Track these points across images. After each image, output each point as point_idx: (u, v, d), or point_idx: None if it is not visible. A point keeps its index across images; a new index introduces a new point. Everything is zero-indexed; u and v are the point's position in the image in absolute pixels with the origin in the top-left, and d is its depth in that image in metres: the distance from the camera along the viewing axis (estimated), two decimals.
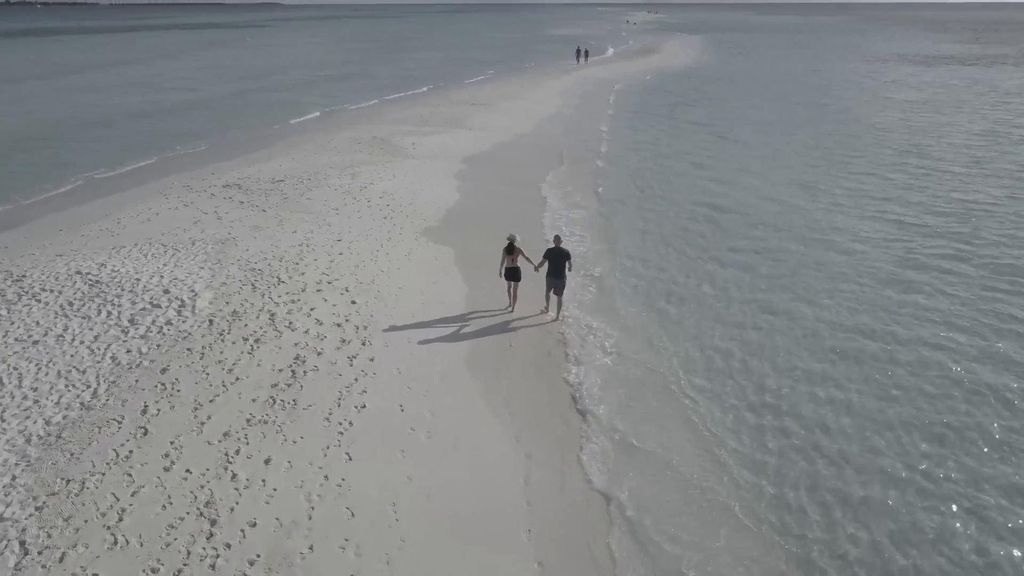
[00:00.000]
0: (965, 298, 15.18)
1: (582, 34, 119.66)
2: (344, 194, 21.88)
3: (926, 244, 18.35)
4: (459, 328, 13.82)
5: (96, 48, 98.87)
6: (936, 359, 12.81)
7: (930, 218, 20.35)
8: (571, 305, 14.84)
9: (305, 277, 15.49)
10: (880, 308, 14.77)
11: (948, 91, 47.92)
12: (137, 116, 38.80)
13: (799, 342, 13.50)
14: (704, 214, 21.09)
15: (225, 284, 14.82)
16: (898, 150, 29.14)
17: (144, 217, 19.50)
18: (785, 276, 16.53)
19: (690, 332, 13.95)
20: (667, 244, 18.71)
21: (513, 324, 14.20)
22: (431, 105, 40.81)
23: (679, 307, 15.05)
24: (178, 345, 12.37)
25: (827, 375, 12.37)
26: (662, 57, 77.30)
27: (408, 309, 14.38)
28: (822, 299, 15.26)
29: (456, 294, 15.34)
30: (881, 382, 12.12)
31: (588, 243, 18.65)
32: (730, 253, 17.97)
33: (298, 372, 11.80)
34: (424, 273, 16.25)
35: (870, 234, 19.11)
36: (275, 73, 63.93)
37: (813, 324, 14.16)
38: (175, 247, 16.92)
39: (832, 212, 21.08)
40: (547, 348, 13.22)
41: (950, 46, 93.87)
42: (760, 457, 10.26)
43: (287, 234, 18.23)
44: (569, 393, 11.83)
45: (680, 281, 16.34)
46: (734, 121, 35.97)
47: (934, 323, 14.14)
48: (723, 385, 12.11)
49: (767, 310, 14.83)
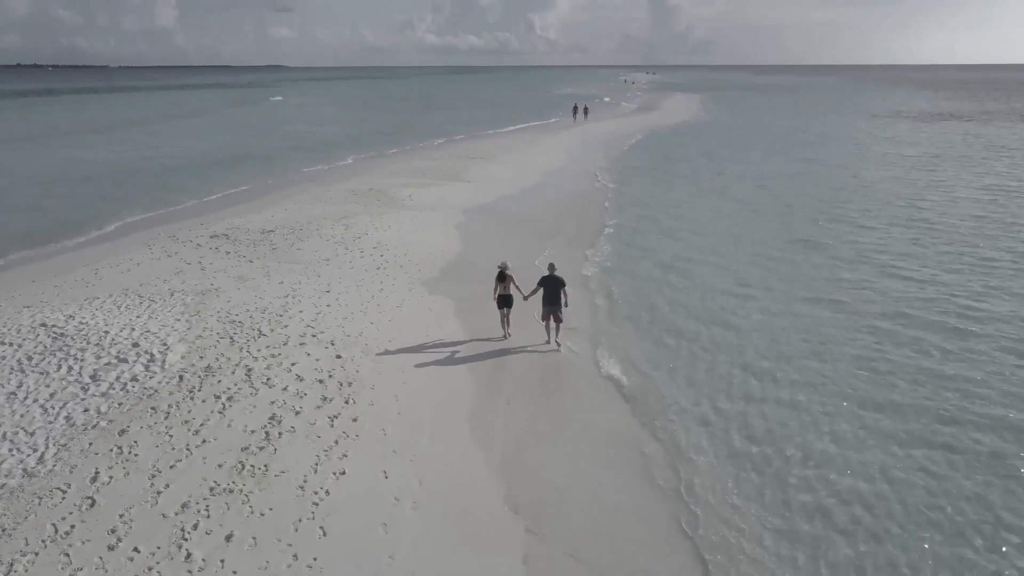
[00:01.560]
0: (975, 360, 13.93)
1: (581, 93, 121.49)
2: (336, 244, 21.03)
3: (932, 299, 17.25)
4: (453, 382, 12.73)
5: (101, 108, 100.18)
6: (944, 417, 11.67)
7: (938, 274, 19.04)
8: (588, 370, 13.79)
9: (288, 330, 14.47)
10: (886, 372, 13.56)
11: (948, 146, 47.72)
12: (131, 172, 38.33)
13: (793, 399, 12.37)
14: (703, 270, 19.93)
15: (201, 337, 13.78)
16: (899, 204, 28.23)
17: (124, 268, 18.58)
18: (782, 333, 15.45)
19: (693, 396, 12.84)
20: (664, 299, 17.56)
21: (511, 369, 13.18)
22: (430, 159, 40.49)
23: (677, 365, 13.97)
24: (142, 403, 11.25)
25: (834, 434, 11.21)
26: (661, 114, 77.90)
27: (397, 364, 13.31)
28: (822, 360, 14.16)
29: (450, 346, 14.30)
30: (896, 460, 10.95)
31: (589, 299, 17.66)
32: (722, 311, 16.78)
33: (272, 434, 10.66)
34: (416, 325, 15.23)
35: (872, 289, 17.91)
36: (276, 129, 64.24)
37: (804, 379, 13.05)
38: (152, 298, 15.94)
39: (834, 268, 20.00)
40: (551, 401, 12.10)
41: (945, 103, 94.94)
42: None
43: (273, 285, 17.28)
44: (579, 447, 10.66)
45: (674, 336, 15.24)
46: (735, 176, 35.29)
47: (941, 382, 13.01)
48: (732, 456, 10.95)
49: (758, 373, 13.72)
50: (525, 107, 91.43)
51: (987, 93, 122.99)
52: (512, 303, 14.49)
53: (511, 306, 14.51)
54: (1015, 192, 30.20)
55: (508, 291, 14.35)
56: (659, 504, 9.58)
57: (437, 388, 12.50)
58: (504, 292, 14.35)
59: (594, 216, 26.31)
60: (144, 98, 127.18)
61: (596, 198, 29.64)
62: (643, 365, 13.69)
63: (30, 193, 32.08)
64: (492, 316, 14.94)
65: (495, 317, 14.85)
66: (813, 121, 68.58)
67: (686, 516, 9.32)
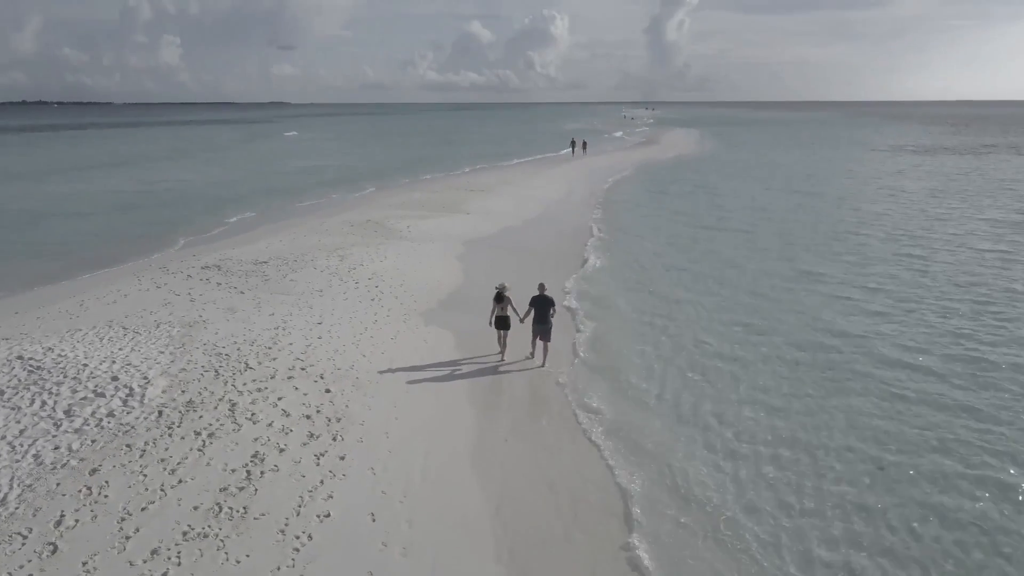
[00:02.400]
0: (983, 397, 13.39)
1: (581, 128, 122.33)
2: (330, 275, 20.53)
3: (938, 336, 16.71)
4: (447, 417, 12.11)
5: (114, 144, 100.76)
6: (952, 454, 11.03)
7: (945, 310, 18.35)
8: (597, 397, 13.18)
9: (277, 363, 13.88)
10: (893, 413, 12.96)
11: (948, 179, 47.54)
12: (128, 206, 38.05)
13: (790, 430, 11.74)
14: (700, 301, 19.35)
15: (184, 370, 13.18)
16: (901, 238, 27.78)
17: (110, 299, 18.04)
18: (784, 370, 14.87)
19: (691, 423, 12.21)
20: (658, 331, 16.98)
21: (509, 399, 12.60)
22: (429, 191, 40.23)
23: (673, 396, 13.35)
24: (116, 440, 10.62)
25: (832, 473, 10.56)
26: (661, 148, 78.13)
27: (389, 398, 12.70)
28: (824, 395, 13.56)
29: (445, 378, 13.71)
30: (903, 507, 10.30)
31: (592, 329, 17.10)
32: (725, 342, 16.30)
33: (254, 473, 10.01)
34: (410, 357, 14.64)
35: (874, 328, 17.30)
36: (277, 163, 64.32)
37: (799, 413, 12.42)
38: (136, 330, 15.37)
39: (836, 303, 19.46)
40: (552, 437, 11.47)
41: (942, 137, 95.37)
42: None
43: (263, 317, 16.73)
44: (575, 498, 9.99)
45: (671, 365, 14.67)
46: (733, 210, 34.79)
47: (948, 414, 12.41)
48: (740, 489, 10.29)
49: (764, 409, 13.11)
50: (525, 142, 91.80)
51: (982, 128, 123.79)
52: (509, 325, 14.56)
53: (508, 328, 14.59)
54: (1020, 225, 29.77)
55: (506, 312, 14.46)
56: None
57: (431, 424, 11.88)
58: (502, 313, 14.45)
59: (592, 248, 25.84)
60: (154, 134, 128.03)
61: (595, 231, 29.22)
62: (631, 399, 13.09)
63: (22, 226, 31.69)
64: (488, 336, 15.05)
65: (491, 337, 14.93)
66: (812, 155, 68.65)
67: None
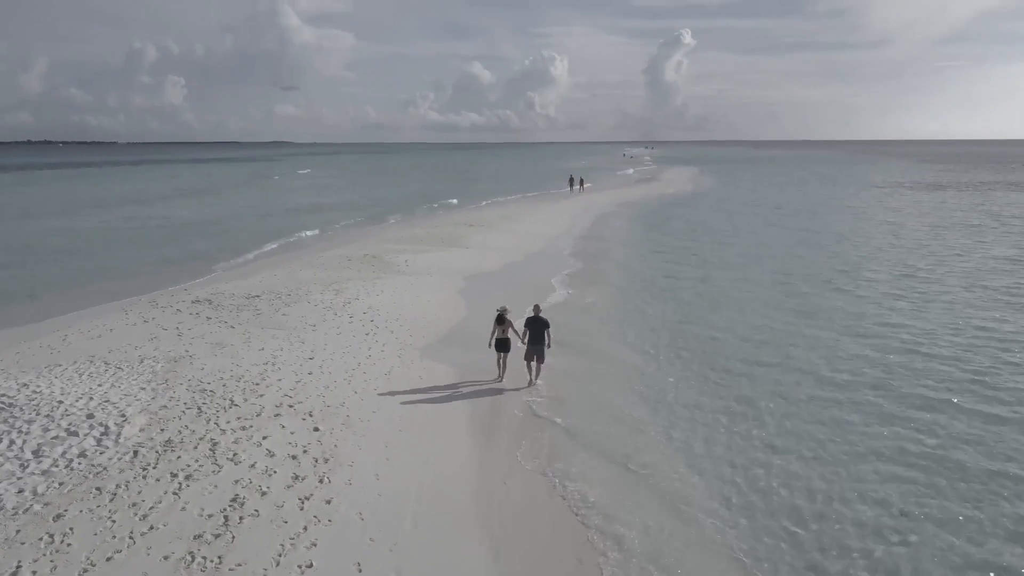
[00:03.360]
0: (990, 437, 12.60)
1: (582, 166, 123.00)
2: (324, 310, 19.92)
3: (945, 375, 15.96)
4: (442, 457, 11.38)
5: (105, 182, 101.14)
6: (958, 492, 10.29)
7: (950, 348, 17.44)
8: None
9: (264, 399, 13.19)
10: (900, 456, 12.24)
11: (948, 214, 47.25)
12: (122, 243, 37.63)
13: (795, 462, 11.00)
14: (706, 335, 18.74)
15: (165, 407, 12.49)
16: (905, 275, 27.19)
17: (95, 333, 17.40)
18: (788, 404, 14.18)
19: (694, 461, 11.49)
20: (664, 361, 16.38)
21: (507, 431, 11.82)
22: (428, 226, 39.88)
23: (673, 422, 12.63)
24: (86, 483, 9.89)
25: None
26: (661, 184, 78.22)
27: (381, 437, 11.98)
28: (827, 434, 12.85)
29: (440, 415, 13.00)
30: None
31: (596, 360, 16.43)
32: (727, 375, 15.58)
33: (232, 519, 9.27)
34: (404, 394, 13.95)
35: (879, 367, 16.48)
36: (277, 198, 64.24)
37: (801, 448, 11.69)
38: (119, 365, 14.71)
39: (841, 339, 18.84)
40: (555, 477, 10.74)
41: (940, 175, 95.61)
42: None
43: (253, 352, 16.08)
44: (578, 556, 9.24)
45: (674, 396, 13.98)
46: (734, 246, 34.25)
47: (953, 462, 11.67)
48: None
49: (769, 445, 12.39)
50: (525, 179, 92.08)
51: (979, 166, 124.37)
52: (509, 347, 14.79)
53: (508, 350, 14.80)
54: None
55: (506, 335, 14.68)
56: None
57: (424, 465, 11.15)
58: (502, 336, 14.65)
59: (592, 283, 25.29)
60: (160, 172, 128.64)
61: (594, 266, 28.71)
62: (641, 436, 12.38)
63: (10, 262, 31.21)
64: (487, 364, 15.24)
65: (490, 364, 15.13)
66: (811, 191, 68.54)
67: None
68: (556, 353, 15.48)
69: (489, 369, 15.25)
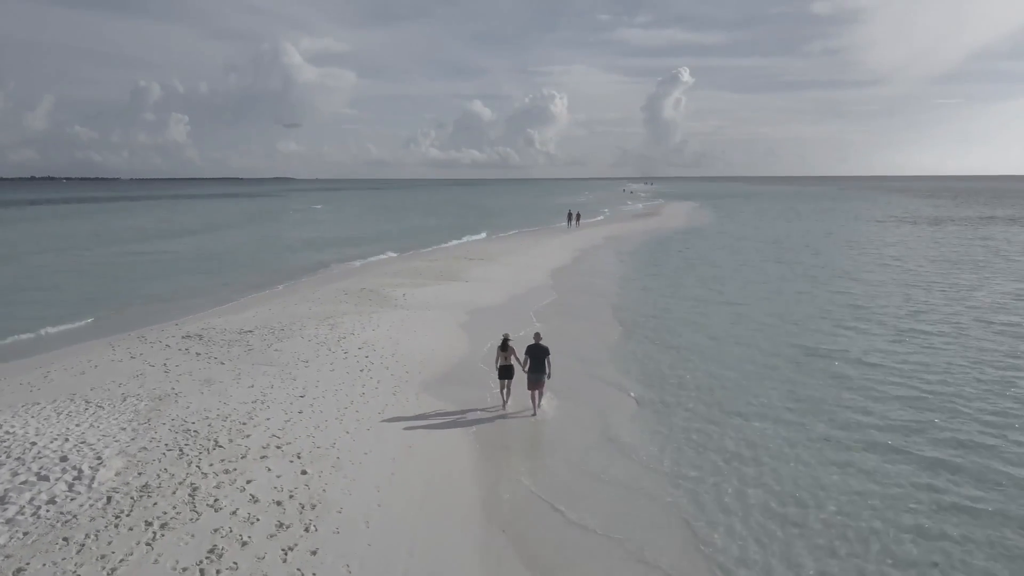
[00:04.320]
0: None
1: (581, 201, 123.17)
2: (318, 345, 19.31)
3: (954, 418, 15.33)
4: (436, 503, 10.67)
5: (103, 218, 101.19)
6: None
7: (963, 388, 16.99)
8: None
9: (250, 440, 12.53)
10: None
11: (950, 248, 46.83)
12: (115, 278, 37.16)
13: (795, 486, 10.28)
14: (710, 369, 18.18)
15: (145, 449, 11.82)
16: (918, 313, 26.68)
17: (79, 370, 16.77)
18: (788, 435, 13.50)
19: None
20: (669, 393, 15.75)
21: (509, 473, 11.09)
22: (427, 260, 39.42)
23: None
24: (53, 533, 9.20)
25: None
26: (662, 219, 78.05)
27: (372, 481, 11.29)
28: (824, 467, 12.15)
29: (435, 458, 12.31)
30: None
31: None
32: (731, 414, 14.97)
33: (208, 572, 8.57)
34: (398, 434, 13.28)
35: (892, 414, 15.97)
36: (276, 235, 63.96)
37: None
38: (100, 404, 14.06)
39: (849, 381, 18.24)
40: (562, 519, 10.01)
41: (939, 209, 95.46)
42: None
43: (242, 389, 15.43)
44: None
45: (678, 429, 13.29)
46: (736, 283, 33.59)
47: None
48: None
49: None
50: (525, 214, 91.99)
51: (975, 200, 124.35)
52: (513, 374, 14.94)
53: (512, 377, 14.94)
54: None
55: (509, 361, 14.83)
56: None
57: (418, 511, 10.44)
58: (505, 363, 14.80)
59: (593, 322, 24.70)
60: (164, 206, 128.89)
61: (595, 303, 28.14)
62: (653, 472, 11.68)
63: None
64: (486, 395, 15.44)
65: (490, 394, 15.35)
66: (815, 226, 68.19)
67: None
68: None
69: (488, 405, 14.91)
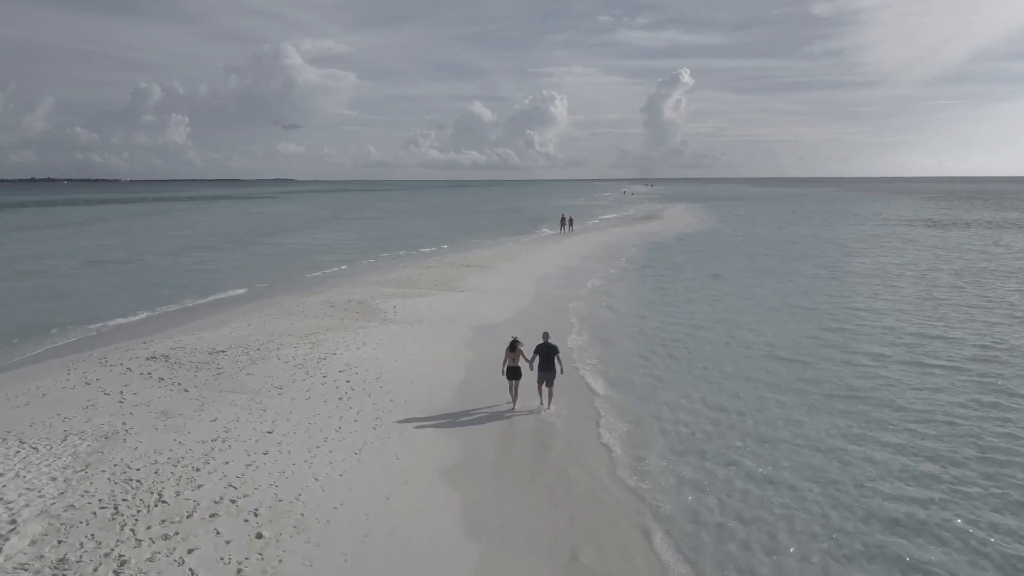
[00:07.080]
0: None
1: (579, 203, 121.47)
2: (295, 368, 17.57)
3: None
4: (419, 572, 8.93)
5: (100, 221, 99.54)
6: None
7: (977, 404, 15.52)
8: None
9: (201, 492, 10.77)
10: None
11: (964, 254, 45.08)
12: (90, 289, 35.43)
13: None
14: (721, 373, 16.53)
15: (73, 508, 10.05)
16: (943, 322, 25.03)
17: (22, 400, 14.98)
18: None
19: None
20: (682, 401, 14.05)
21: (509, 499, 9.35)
22: (420, 267, 37.58)
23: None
24: None
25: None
26: (663, 223, 76.24)
27: (340, 546, 9.53)
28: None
29: (417, 506, 10.56)
30: None
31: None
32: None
33: None
34: (376, 481, 11.52)
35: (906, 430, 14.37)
36: (266, 235, 62.26)
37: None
38: (35, 445, 12.30)
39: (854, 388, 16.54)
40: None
41: (945, 212, 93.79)
42: None
43: (203, 424, 13.67)
44: None
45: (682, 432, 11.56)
46: (743, 288, 31.88)
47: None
48: None
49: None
50: (524, 217, 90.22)
51: (980, 202, 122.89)
52: (521, 375, 15.06)
53: (520, 377, 15.07)
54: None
55: (517, 362, 14.92)
56: None
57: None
58: (513, 364, 14.90)
59: (594, 333, 22.95)
60: (199, 210, 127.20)
61: (596, 313, 26.41)
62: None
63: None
64: (481, 431, 14.17)
65: (491, 432, 14.16)
66: (821, 229, 66.45)
67: None
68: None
69: (488, 448, 13.22)
